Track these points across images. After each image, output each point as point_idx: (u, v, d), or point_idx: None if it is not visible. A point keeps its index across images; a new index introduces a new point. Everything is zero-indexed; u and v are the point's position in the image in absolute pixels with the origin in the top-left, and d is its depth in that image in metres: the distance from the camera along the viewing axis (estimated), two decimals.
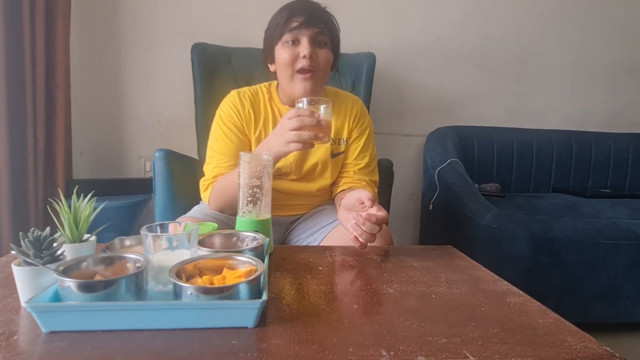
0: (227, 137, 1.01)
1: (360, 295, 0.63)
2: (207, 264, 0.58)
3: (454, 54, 1.96)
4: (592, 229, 1.39)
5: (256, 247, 0.68)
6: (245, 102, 1.03)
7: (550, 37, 2.02)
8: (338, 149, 1.08)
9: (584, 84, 2.09)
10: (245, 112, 1.02)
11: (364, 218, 0.78)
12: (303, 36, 0.93)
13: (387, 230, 0.96)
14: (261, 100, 1.05)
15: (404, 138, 2.00)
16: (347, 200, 0.86)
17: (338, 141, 1.08)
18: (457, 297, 0.63)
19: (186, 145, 1.62)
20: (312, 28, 0.93)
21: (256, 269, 0.56)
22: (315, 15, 0.94)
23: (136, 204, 1.61)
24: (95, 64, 1.76)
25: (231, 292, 0.51)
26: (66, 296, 0.50)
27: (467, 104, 2.02)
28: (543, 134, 1.98)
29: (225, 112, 1.03)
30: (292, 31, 0.93)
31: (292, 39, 0.94)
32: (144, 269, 0.54)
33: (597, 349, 0.49)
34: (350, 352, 0.46)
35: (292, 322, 0.53)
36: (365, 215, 0.78)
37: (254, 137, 1.03)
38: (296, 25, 0.93)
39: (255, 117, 1.03)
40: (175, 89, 1.79)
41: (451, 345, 0.48)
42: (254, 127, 1.03)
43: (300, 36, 0.94)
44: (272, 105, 1.05)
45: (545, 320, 0.56)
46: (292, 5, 0.96)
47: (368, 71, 1.63)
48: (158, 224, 0.66)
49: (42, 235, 0.57)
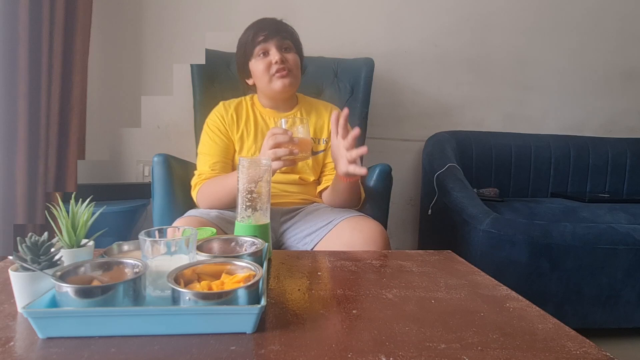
0: (212, 140, 1.14)
1: (359, 300, 0.62)
2: (205, 269, 0.58)
3: (452, 60, 1.97)
4: (591, 233, 1.39)
5: (255, 252, 0.67)
6: (229, 108, 1.17)
7: (547, 43, 2.03)
8: (317, 148, 1.18)
9: (581, 90, 2.10)
10: (228, 116, 1.16)
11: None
12: (271, 46, 1.08)
13: (385, 235, 0.97)
14: (244, 105, 1.19)
15: (403, 143, 2.00)
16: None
17: (318, 141, 1.18)
18: (457, 302, 0.63)
19: (185, 151, 1.62)
20: (276, 37, 1.08)
21: (255, 274, 0.56)
22: (276, 27, 1.10)
23: (135, 209, 1.61)
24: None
25: (230, 298, 0.50)
26: (63, 302, 0.50)
27: (466, 109, 2.03)
28: (541, 139, 1.99)
29: (211, 119, 1.17)
30: (260, 44, 1.08)
31: (262, 51, 1.09)
32: (142, 275, 0.54)
33: (596, 354, 0.48)
34: (350, 357, 0.46)
35: (291, 327, 0.52)
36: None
37: (236, 136, 1.15)
38: (262, 38, 1.08)
39: (237, 118, 1.16)
40: (175, 94, 1.79)
41: (450, 351, 0.48)
42: (236, 128, 1.16)
43: (268, 47, 1.09)
44: (254, 109, 1.19)
45: (544, 326, 0.56)
46: (254, 25, 1.12)
47: (367, 76, 1.63)
48: (156, 229, 0.66)
49: (40, 240, 0.57)
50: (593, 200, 1.75)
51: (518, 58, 2.02)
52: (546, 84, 2.06)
